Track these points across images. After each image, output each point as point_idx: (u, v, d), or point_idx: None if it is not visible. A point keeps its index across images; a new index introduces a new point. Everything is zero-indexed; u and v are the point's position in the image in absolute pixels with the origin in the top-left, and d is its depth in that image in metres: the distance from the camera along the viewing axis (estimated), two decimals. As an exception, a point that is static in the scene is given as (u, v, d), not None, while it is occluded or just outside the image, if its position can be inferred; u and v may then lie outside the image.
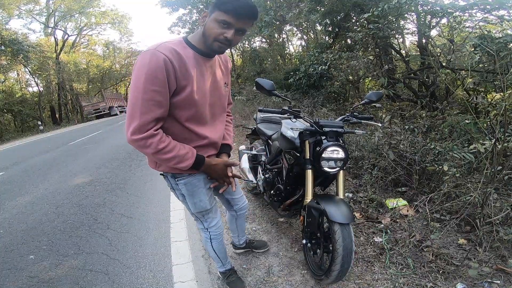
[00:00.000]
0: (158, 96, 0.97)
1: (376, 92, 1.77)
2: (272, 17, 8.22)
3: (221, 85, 1.24)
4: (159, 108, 0.99)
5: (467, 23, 3.99)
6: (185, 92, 1.03)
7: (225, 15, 0.96)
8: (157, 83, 0.96)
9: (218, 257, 1.59)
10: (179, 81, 1.01)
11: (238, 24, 0.98)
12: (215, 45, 1.02)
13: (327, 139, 1.54)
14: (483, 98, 2.68)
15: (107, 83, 31.25)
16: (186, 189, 1.25)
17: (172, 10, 16.02)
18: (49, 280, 1.89)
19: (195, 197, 1.28)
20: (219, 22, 0.98)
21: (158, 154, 1.01)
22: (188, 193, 1.27)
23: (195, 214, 1.38)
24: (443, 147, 2.45)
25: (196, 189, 1.26)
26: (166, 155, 1.02)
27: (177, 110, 1.07)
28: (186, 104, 1.06)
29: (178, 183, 1.24)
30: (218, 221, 1.46)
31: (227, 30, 0.98)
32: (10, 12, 19.15)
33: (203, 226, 1.44)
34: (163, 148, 1.01)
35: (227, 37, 0.99)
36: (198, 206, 1.31)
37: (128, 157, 5.57)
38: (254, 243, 2.03)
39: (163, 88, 0.97)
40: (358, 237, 2.06)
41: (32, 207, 3.27)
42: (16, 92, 20.88)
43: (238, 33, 1.01)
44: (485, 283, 1.53)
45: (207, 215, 1.39)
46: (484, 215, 1.86)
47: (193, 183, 1.24)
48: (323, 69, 5.77)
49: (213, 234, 1.46)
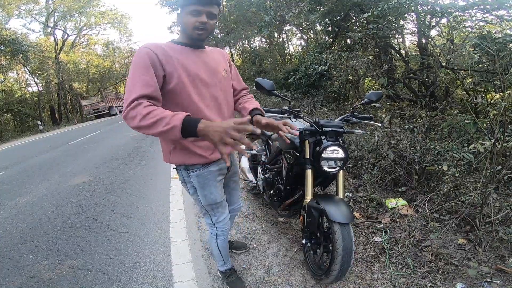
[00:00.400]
0: (145, 76, 1.06)
1: (376, 92, 1.77)
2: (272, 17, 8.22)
3: (219, 71, 1.29)
4: (147, 87, 1.06)
5: (467, 23, 3.99)
6: (174, 76, 1.14)
7: (193, 6, 1.11)
8: (142, 69, 1.08)
9: (221, 255, 1.60)
10: (165, 66, 1.12)
11: (205, 9, 1.12)
12: (195, 33, 1.16)
13: (327, 139, 1.54)
14: (482, 98, 2.68)
15: (106, 83, 31.23)
16: (198, 181, 1.31)
17: (172, 10, 16.04)
18: (49, 280, 1.89)
19: (206, 189, 1.34)
20: (190, 12, 1.12)
21: (144, 120, 0.98)
22: (200, 185, 1.33)
23: (205, 207, 1.41)
24: (442, 147, 2.45)
25: (207, 181, 1.32)
26: (150, 119, 0.98)
27: (177, 97, 1.16)
28: (181, 86, 1.15)
29: (190, 175, 1.31)
30: (226, 216, 1.48)
31: (199, 17, 1.13)
32: (9, 11, 19.13)
33: (211, 221, 1.46)
34: (148, 114, 0.99)
35: (202, 21, 1.13)
36: (208, 198, 1.36)
37: (128, 157, 5.57)
38: (234, 244, 2.04)
39: (148, 71, 1.08)
40: (358, 237, 2.06)
41: (31, 207, 3.27)
42: (15, 92, 20.87)
43: (209, 17, 1.15)
44: (485, 283, 1.53)
45: (216, 209, 1.42)
46: (484, 215, 1.86)
47: (204, 176, 1.31)
48: (323, 69, 5.77)
49: (220, 230, 1.48)
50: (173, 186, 3.52)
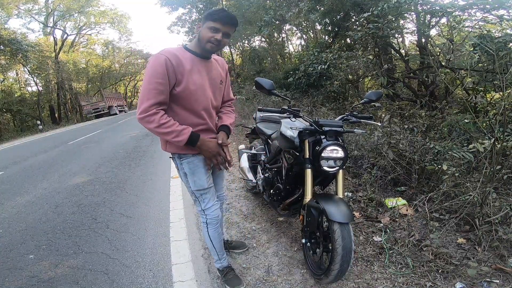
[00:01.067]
0: (159, 86, 1.27)
1: (376, 91, 1.77)
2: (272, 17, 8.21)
3: (217, 82, 1.50)
4: (160, 95, 1.28)
5: (467, 22, 3.99)
6: (182, 83, 1.32)
7: (214, 23, 1.30)
8: (158, 76, 1.26)
9: (214, 247, 1.64)
10: (177, 75, 1.31)
11: (224, 29, 1.31)
12: (208, 46, 1.34)
13: (326, 138, 1.54)
14: (482, 97, 2.69)
15: (106, 83, 31.22)
16: (189, 167, 1.48)
17: (172, 10, 16.02)
18: (48, 279, 1.89)
19: (195, 175, 1.50)
20: (210, 28, 1.30)
21: (160, 128, 1.27)
22: (190, 172, 1.49)
23: (194, 193, 1.55)
24: (442, 146, 2.45)
25: (197, 168, 1.49)
26: (166, 129, 1.27)
27: (180, 100, 1.36)
28: (186, 93, 1.35)
29: (182, 162, 1.48)
30: (214, 205, 1.59)
31: (216, 34, 1.31)
32: (9, 11, 19.09)
33: (201, 208, 1.58)
34: (164, 124, 1.27)
35: (217, 38, 1.32)
36: (197, 184, 1.51)
37: (127, 156, 5.57)
38: (232, 243, 2.05)
39: (163, 80, 1.27)
40: (358, 236, 2.06)
41: (31, 206, 3.27)
42: (15, 92, 20.85)
43: (225, 36, 1.34)
44: (484, 282, 1.54)
45: (204, 195, 1.55)
46: (483, 215, 1.86)
47: (194, 163, 1.48)
48: (323, 68, 5.77)
49: (209, 217, 1.58)
50: (173, 186, 3.52)
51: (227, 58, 16.93)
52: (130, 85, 39.90)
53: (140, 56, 33.54)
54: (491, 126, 2.40)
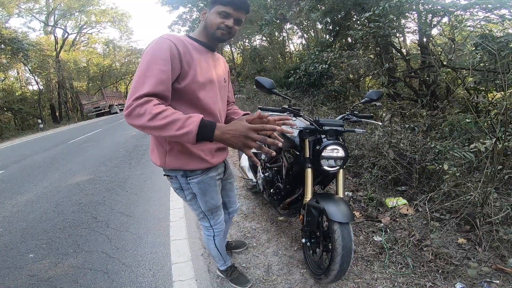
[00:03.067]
0: (161, 74, 0.98)
1: (377, 90, 1.76)
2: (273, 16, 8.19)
3: (222, 79, 1.29)
4: (160, 84, 0.97)
5: (468, 22, 3.98)
6: (189, 75, 1.07)
7: (224, 7, 1.10)
8: (160, 62, 0.98)
9: (220, 254, 1.60)
10: (183, 65, 1.05)
11: (235, 14, 1.12)
12: (218, 33, 1.13)
13: (327, 137, 1.53)
14: (483, 97, 2.68)
15: (107, 82, 31.22)
16: (199, 188, 1.25)
17: (172, 8, 16.02)
18: (48, 278, 1.89)
19: (207, 195, 1.29)
20: (219, 13, 1.11)
21: (154, 120, 0.88)
22: (201, 192, 1.27)
23: (204, 212, 1.36)
24: (443, 146, 2.44)
25: (209, 187, 1.27)
26: (163, 120, 0.88)
27: (186, 95, 1.09)
28: (194, 87, 1.09)
29: (190, 182, 1.23)
30: (222, 217, 1.47)
31: (227, 19, 1.12)
32: (10, 10, 19.09)
33: (209, 224, 1.43)
34: (159, 113, 0.88)
35: (228, 24, 1.12)
36: (209, 204, 1.32)
37: (128, 155, 5.57)
38: (232, 244, 2.05)
39: (165, 67, 0.99)
40: (358, 236, 2.06)
41: (31, 205, 3.27)
42: (16, 91, 20.87)
43: (236, 22, 1.14)
44: (484, 282, 1.53)
45: (215, 212, 1.39)
46: (484, 215, 1.86)
47: (205, 182, 1.25)
48: (324, 67, 5.76)
49: (216, 231, 1.47)
50: (173, 185, 3.52)
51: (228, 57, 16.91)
52: (131, 84, 39.81)
53: (141, 55, 33.38)
54: (492, 126, 2.39)
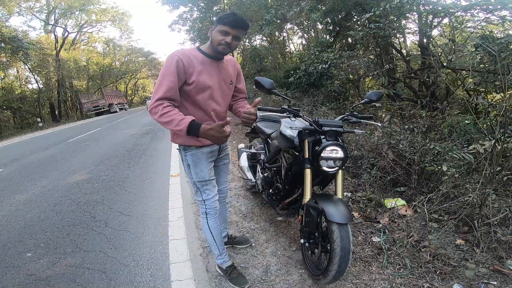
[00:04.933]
0: (170, 83, 1.37)
1: (376, 91, 1.76)
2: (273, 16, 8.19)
3: (227, 82, 1.56)
4: (169, 91, 1.37)
5: (469, 23, 3.98)
6: (192, 82, 1.43)
7: (224, 26, 1.38)
8: (170, 74, 1.38)
9: (214, 240, 1.67)
10: (188, 74, 1.41)
11: (233, 32, 1.39)
12: (220, 48, 1.43)
13: (326, 138, 1.53)
14: (483, 98, 2.67)
15: (107, 81, 31.16)
16: (192, 159, 1.58)
17: (173, 8, 15.99)
18: (46, 278, 1.89)
19: (197, 167, 1.58)
20: (221, 31, 1.39)
21: (161, 117, 1.34)
22: (193, 164, 1.58)
23: (196, 183, 1.62)
24: (442, 147, 2.44)
25: (199, 160, 1.58)
26: (167, 118, 1.33)
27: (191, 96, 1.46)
28: (195, 91, 1.45)
29: (186, 154, 1.58)
30: (214, 196, 1.65)
31: (226, 37, 1.39)
32: (10, 9, 19.04)
33: (201, 198, 1.64)
34: (165, 113, 1.33)
35: (227, 41, 1.40)
36: (199, 175, 1.59)
37: (127, 154, 5.57)
38: (236, 238, 2.09)
39: (173, 77, 1.38)
40: (356, 236, 2.06)
41: (30, 204, 3.26)
42: (15, 89, 20.83)
43: (234, 39, 1.42)
44: (482, 284, 1.53)
45: (205, 186, 1.62)
46: (482, 216, 1.86)
47: (197, 155, 1.57)
48: (324, 68, 5.76)
49: (209, 208, 1.64)
50: (172, 184, 3.52)
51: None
52: (131, 83, 39.84)
53: (141, 54, 33.50)
54: (491, 127, 2.39)
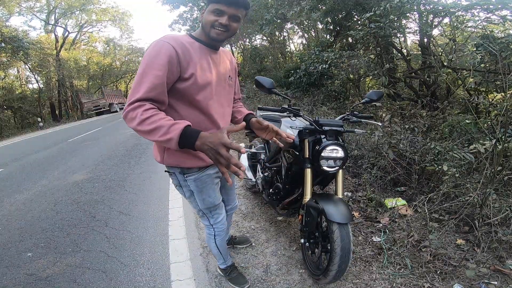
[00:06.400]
0: (155, 79, 0.99)
1: (377, 91, 1.76)
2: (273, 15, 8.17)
3: (226, 78, 1.26)
4: (153, 89, 0.99)
5: (470, 22, 3.96)
6: (190, 78, 1.07)
7: (217, 5, 1.06)
8: (156, 67, 1.00)
9: (220, 253, 1.61)
10: (183, 67, 1.05)
11: (229, 11, 1.06)
12: (213, 32, 1.10)
13: (326, 138, 1.53)
14: (484, 98, 2.67)
15: (107, 80, 31.18)
16: (196, 185, 1.26)
17: (173, 7, 15.97)
18: (46, 277, 1.89)
19: (204, 193, 1.29)
20: (213, 11, 1.08)
21: (142, 124, 0.93)
22: (198, 190, 1.27)
23: (202, 210, 1.37)
24: (443, 147, 2.44)
25: (206, 185, 1.27)
26: (148, 125, 0.93)
27: (187, 96, 1.10)
28: (192, 90, 1.09)
29: (187, 179, 1.24)
30: (223, 217, 1.46)
31: (221, 17, 1.07)
32: (10, 9, 19.05)
33: (209, 223, 1.44)
34: (146, 119, 0.93)
35: (222, 22, 1.07)
36: (206, 202, 1.33)
37: (127, 154, 5.57)
38: (236, 239, 2.07)
39: (161, 71, 1.00)
40: (357, 236, 2.05)
41: (30, 204, 3.26)
42: (16, 89, 20.84)
43: (232, 19, 1.09)
44: (482, 284, 1.53)
45: (214, 211, 1.40)
46: (483, 216, 1.85)
47: (202, 179, 1.25)
48: (324, 67, 5.74)
49: (217, 230, 1.46)
50: (172, 184, 3.51)
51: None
52: (131, 83, 39.89)
53: (141, 53, 33.44)
54: (492, 127, 2.38)
